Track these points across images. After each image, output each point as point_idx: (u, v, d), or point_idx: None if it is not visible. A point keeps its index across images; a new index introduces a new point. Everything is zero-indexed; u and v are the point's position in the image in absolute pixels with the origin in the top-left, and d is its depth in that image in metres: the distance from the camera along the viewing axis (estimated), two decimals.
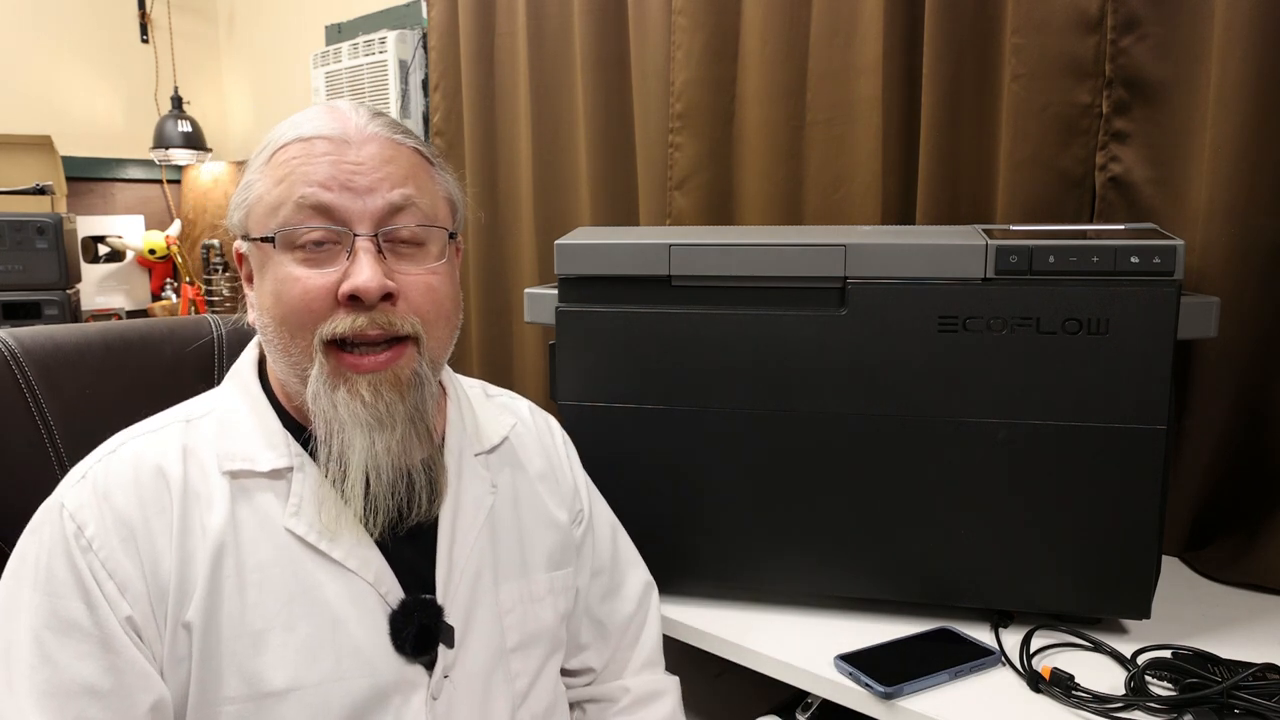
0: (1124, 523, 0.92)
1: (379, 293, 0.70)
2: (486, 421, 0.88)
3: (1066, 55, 1.17)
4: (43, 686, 0.64)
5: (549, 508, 0.89)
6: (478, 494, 0.81)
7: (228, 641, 0.68)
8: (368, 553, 0.73)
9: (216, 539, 0.69)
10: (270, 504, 0.72)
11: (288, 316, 0.72)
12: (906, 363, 0.94)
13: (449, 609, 0.75)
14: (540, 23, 1.79)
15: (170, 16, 2.93)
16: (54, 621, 0.65)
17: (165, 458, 0.72)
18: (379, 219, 0.72)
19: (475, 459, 0.84)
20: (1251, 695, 0.79)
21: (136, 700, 0.66)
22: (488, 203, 1.95)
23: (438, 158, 0.81)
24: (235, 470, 0.72)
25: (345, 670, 0.70)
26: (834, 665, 0.90)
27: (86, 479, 0.70)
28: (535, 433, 0.94)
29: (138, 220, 2.96)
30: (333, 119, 0.74)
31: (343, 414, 0.71)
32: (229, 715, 0.68)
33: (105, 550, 0.67)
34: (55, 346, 0.93)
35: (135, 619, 0.67)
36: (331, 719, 0.69)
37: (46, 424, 0.90)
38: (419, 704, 0.73)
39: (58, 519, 0.68)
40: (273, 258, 0.73)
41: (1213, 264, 1.08)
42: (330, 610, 0.71)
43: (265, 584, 0.70)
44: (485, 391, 0.95)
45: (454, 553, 0.78)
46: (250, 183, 0.75)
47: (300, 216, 0.71)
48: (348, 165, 0.72)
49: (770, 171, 1.47)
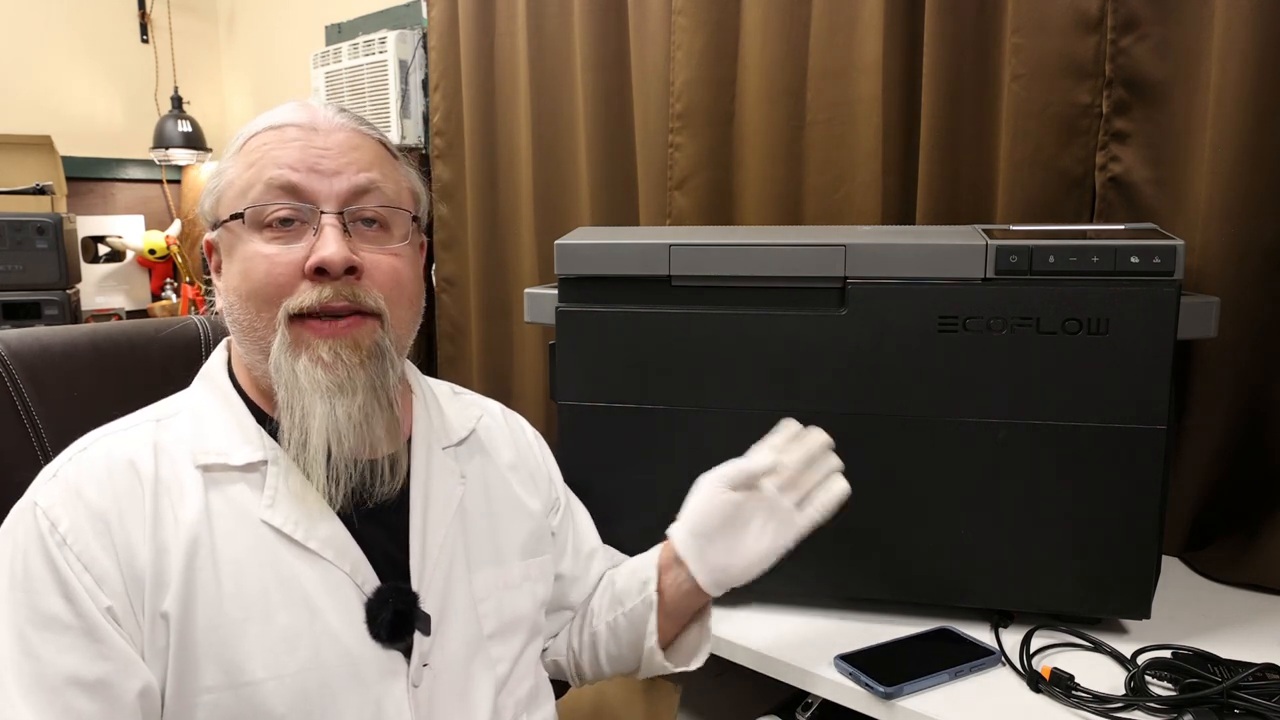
0: (1124, 523, 0.92)
1: (343, 265, 0.72)
2: (453, 416, 0.90)
3: (1066, 55, 1.18)
4: (30, 682, 0.65)
5: (520, 497, 0.90)
6: (447, 484, 0.83)
7: (205, 632, 0.69)
8: (344, 543, 0.74)
9: (191, 531, 0.70)
10: (245, 496, 0.73)
11: (255, 291, 0.73)
12: (906, 363, 0.94)
13: (424, 597, 0.77)
14: (540, 23, 1.79)
15: (170, 16, 2.93)
16: (35, 617, 0.66)
17: (136, 453, 0.73)
18: (345, 199, 0.75)
19: (443, 451, 0.85)
20: (1251, 695, 0.79)
21: (125, 687, 0.66)
22: (488, 203, 1.96)
23: (401, 154, 0.84)
24: (209, 464, 0.73)
25: (324, 659, 0.71)
26: (834, 665, 0.90)
27: (58, 477, 0.71)
28: (506, 427, 0.96)
29: (138, 220, 2.96)
30: (303, 110, 0.78)
31: (303, 381, 0.72)
32: (208, 705, 0.68)
33: (80, 544, 0.67)
34: (43, 349, 0.93)
35: (115, 609, 0.67)
36: (311, 707, 0.70)
37: (34, 426, 0.90)
38: (400, 691, 0.74)
39: (31, 518, 0.69)
40: (241, 237, 0.75)
41: (1213, 264, 1.08)
42: (308, 600, 0.72)
43: (241, 575, 0.71)
44: (452, 390, 0.96)
45: (427, 541, 0.79)
46: (222, 170, 0.78)
47: (269, 195, 0.74)
48: (315, 150, 0.75)
49: (770, 171, 1.47)
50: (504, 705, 0.81)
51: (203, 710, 0.68)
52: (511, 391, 1.97)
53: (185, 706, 0.68)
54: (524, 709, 0.83)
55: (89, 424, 0.77)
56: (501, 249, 1.96)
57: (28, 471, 0.74)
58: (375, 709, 0.72)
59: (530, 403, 1.91)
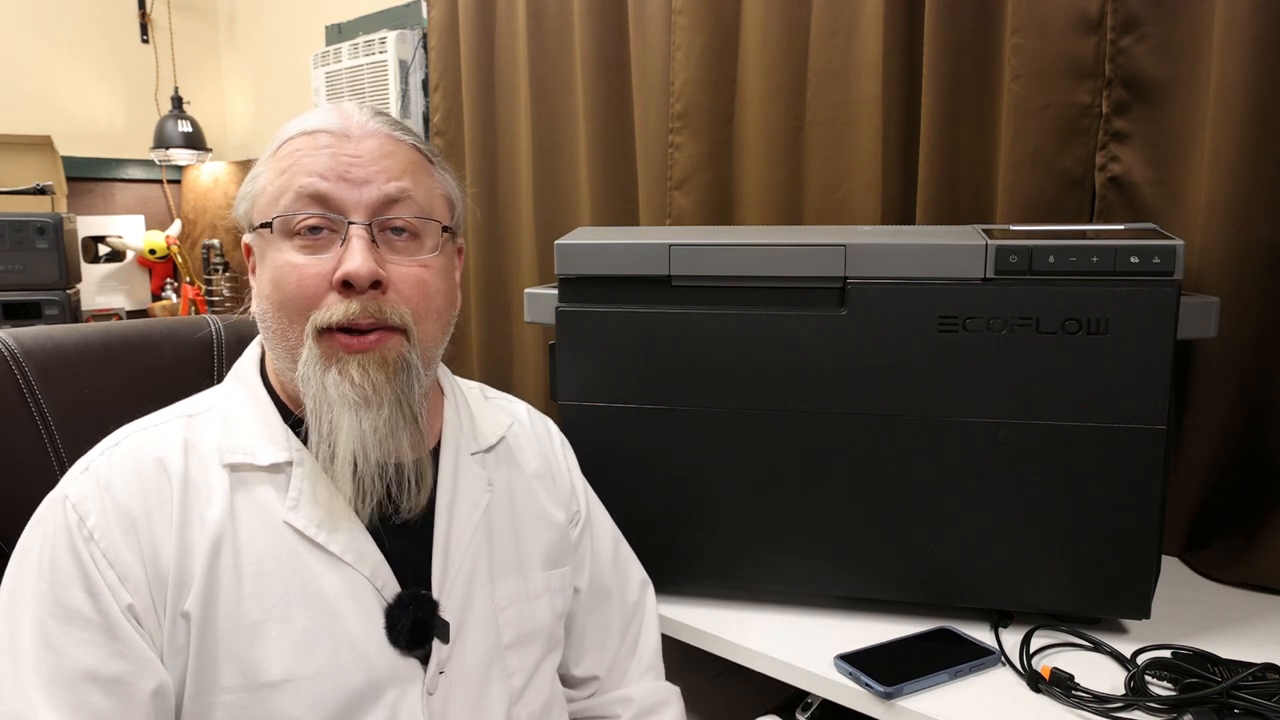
0: (1124, 523, 0.92)
1: (369, 278, 0.72)
2: (483, 421, 0.89)
3: (1066, 55, 1.17)
4: (48, 674, 0.65)
5: (545, 507, 0.89)
6: (474, 491, 0.82)
7: (224, 632, 0.69)
8: (365, 547, 0.74)
9: (215, 531, 0.70)
10: (269, 497, 0.73)
11: (285, 302, 0.74)
12: (906, 363, 0.94)
13: (444, 604, 0.76)
14: (540, 23, 1.79)
15: (170, 16, 2.93)
16: (58, 610, 0.66)
17: (166, 451, 0.73)
18: (374, 209, 0.75)
19: (471, 457, 0.84)
20: (1251, 695, 0.79)
21: (140, 686, 0.66)
22: (488, 203, 1.96)
23: (438, 157, 0.83)
24: (235, 463, 0.73)
25: (341, 663, 0.71)
26: (834, 665, 0.90)
27: (89, 472, 0.71)
28: (533, 434, 0.95)
29: (138, 220, 2.96)
30: (337, 115, 0.77)
31: (331, 394, 0.72)
32: (225, 706, 0.68)
33: (106, 540, 0.68)
34: (55, 347, 0.93)
35: (136, 607, 0.67)
36: (327, 711, 0.70)
37: (46, 424, 0.90)
38: (415, 698, 0.73)
39: (60, 511, 0.69)
40: (271, 245, 0.75)
41: (1213, 264, 1.08)
42: (327, 603, 0.72)
43: (263, 576, 0.71)
44: (484, 394, 0.96)
45: (450, 549, 0.78)
46: (256, 175, 0.78)
47: (298, 204, 0.74)
48: (346, 157, 0.75)
49: (770, 171, 1.47)
50: (518, 717, 0.80)
51: (220, 711, 0.68)
52: (511, 392, 1.94)
53: (203, 706, 0.69)
54: None
55: (101, 423, 0.78)
56: (501, 249, 1.96)
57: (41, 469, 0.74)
58: (390, 715, 0.72)
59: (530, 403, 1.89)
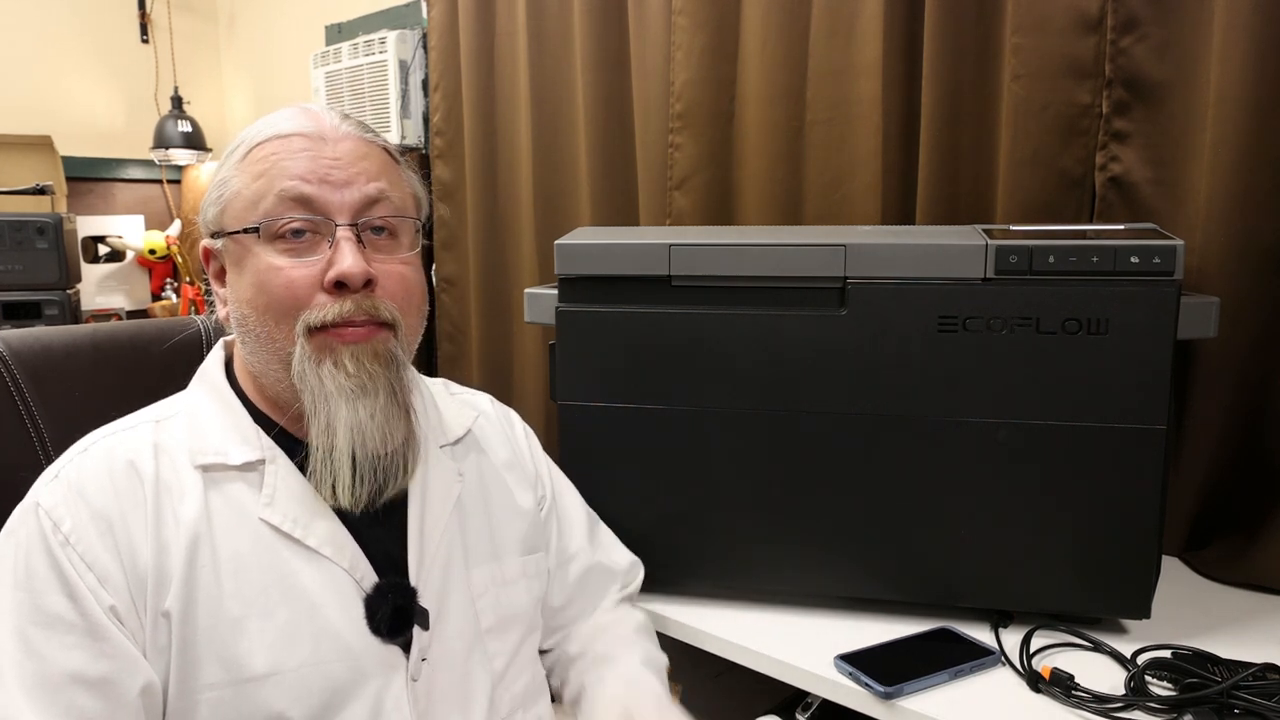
0: (1124, 523, 0.92)
1: (363, 278, 0.74)
2: (449, 415, 0.91)
3: (1066, 55, 1.17)
4: (31, 681, 0.65)
5: (515, 495, 0.92)
6: (445, 482, 0.84)
7: (206, 629, 0.69)
8: (342, 539, 0.75)
9: (191, 530, 0.71)
10: (243, 495, 0.74)
11: (271, 305, 0.74)
12: (906, 363, 0.94)
13: (422, 592, 0.77)
14: (540, 23, 1.79)
15: (170, 16, 2.93)
16: (38, 616, 0.66)
17: (137, 453, 0.73)
18: (357, 209, 0.76)
19: (440, 450, 0.86)
20: (1251, 695, 0.79)
21: (128, 685, 0.67)
22: (488, 203, 1.96)
23: (401, 157, 0.85)
24: (207, 464, 0.74)
25: (324, 654, 0.72)
26: (834, 665, 0.90)
27: (60, 478, 0.71)
28: (498, 424, 0.97)
29: (138, 220, 2.96)
30: (307, 118, 0.78)
31: (328, 386, 0.73)
32: (210, 702, 0.69)
33: (83, 544, 0.68)
34: (44, 349, 0.93)
35: (118, 609, 0.68)
36: (313, 702, 0.71)
37: (36, 426, 0.90)
38: (399, 686, 0.74)
39: (33, 518, 0.69)
40: (253, 250, 0.75)
41: (1213, 264, 1.08)
42: (307, 596, 0.73)
43: (241, 572, 0.71)
44: (448, 389, 0.98)
45: (424, 537, 0.80)
46: (225, 180, 0.78)
47: (282, 208, 0.74)
48: (325, 160, 0.76)
49: (770, 171, 1.47)
50: (500, 699, 0.81)
51: (205, 707, 0.69)
52: (512, 391, 1.98)
53: (188, 704, 0.69)
54: (520, 704, 0.84)
55: (91, 424, 0.78)
56: (501, 249, 1.96)
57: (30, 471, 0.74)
58: (375, 703, 0.73)
59: (530, 403, 1.91)
